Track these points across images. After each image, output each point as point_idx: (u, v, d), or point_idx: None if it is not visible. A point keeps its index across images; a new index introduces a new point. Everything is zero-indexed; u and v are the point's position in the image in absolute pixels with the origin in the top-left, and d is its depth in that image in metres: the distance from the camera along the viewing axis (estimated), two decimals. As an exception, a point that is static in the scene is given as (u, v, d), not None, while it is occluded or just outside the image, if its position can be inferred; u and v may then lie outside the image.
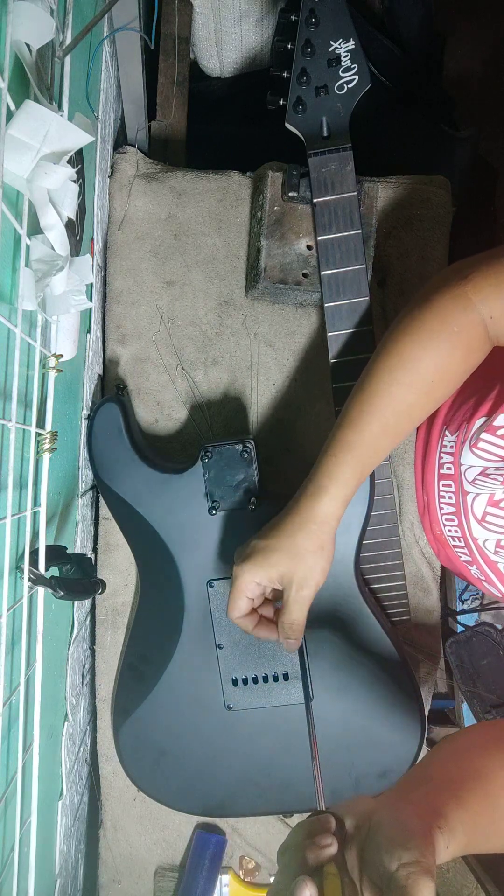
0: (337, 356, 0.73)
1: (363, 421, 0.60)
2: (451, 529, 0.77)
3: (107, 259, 0.83)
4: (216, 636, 0.75)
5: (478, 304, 0.58)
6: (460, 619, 0.94)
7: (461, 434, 0.72)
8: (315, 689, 0.75)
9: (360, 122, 0.72)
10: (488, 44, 1.29)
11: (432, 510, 0.79)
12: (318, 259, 0.73)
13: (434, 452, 0.77)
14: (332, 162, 0.71)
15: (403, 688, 0.75)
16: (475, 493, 0.70)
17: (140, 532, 0.75)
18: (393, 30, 0.92)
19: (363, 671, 0.74)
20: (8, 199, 0.45)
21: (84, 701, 0.85)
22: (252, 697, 0.75)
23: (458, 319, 0.58)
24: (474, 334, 0.59)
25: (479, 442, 0.67)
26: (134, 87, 0.83)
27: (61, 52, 0.52)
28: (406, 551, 0.83)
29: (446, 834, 0.42)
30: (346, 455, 0.60)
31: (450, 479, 0.74)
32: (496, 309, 0.58)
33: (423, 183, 0.81)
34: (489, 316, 0.58)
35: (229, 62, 0.99)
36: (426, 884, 0.37)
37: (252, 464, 0.73)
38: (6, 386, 0.47)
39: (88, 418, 0.75)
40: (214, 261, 0.82)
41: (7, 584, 0.49)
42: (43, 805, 0.62)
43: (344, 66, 0.70)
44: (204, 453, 0.72)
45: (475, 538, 0.73)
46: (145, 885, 0.87)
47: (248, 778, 0.77)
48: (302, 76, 0.70)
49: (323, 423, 0.82)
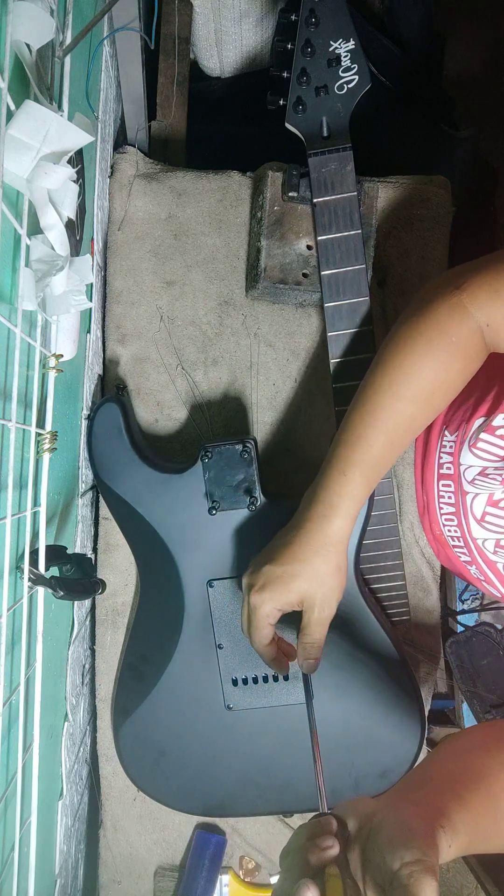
0: (337, 356, 0.73)
1: (369, 436, 0.60)
2: (450, 529, 0.77)
3: (107, 259, 0.83)
4: (216, 636, 0.74)
5: (474, 313, 0.57)
6: (460, 619, 0.94)
7: (460, 434, 0.72)
8: (315, 689, 0.75)
9: (360, 122, 0.72)
10: (488, 44, 1.29)
11: (432, 510, 0.79)
12: (318, 259, 0.73)
13: (434, 452, 0.77)
14: (332, 162, 0.71)
15: (403, 688, 0.75)
16: (475, 492, 0.70)
17: (140, 532, 0.75)
18: (393, 30, 0.92)
19: (363, 671, 0.74)
20: (8, 199, 0.45)
21: (84, 701, 0.85)
22: (252, 697, 0.75)
23: (456, 330, 0.58)
24: (472, 343, 0.59)
25: (479, 442, 0.67)
26: (134, 87, 0.83)
27: (61, 52, 0.52)
28: (406, 551, 0.83)
29: (449, 833, 0.42)
30: (354, 472, 0.60)
31: (449, 478, 0.75)
32: (493, 317, 0.57)
33: (423, 183, 0.81)
34: (486, 324, 0.58)
35: (229, 62, 0.99)
36: (429, 883, 0.37)
37: (252, 464, 0.73)
38: (6, 386, 0.47)
39: (88, 418, 0.75)
40: (214, 261, 0.82)
41: (7, 584, 0.49)
42: (43, 805, 0.62)
43: (344, 66, 0.70)
44: (204, 453, 0.72)
45: (474, 538, 0.73)
46: (145, 885, 0.87)
47: (249, 778, 0.77)
48: (302, 76, 0.70)
49: (323, 423, 0.82)
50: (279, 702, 0.75)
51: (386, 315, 0.82)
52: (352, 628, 0.74)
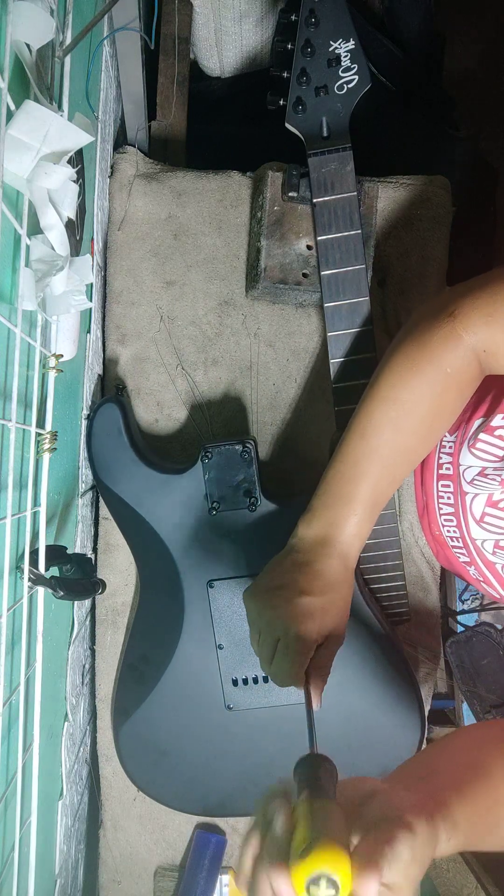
0: (337, 357, 0.73)
1: (373, 472, 0.60)
2: (449, 530, 0.77)
3: (107, 259, 0.83)
4: (216, 636, 0.75)
5: (468, 340, 0.57)
6: (460, 619, 0.94)
7: (460, 434, 0.72)
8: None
9: (360, 122, 0.72)
10: (488, 44, 1.29)
11: (431, 511, 0.79)
12: (317, 259, 0.73)
13: (433, 453, 0.77)
14: (332, 162, 0.71)
15: (403, 688, 0.75)
16: (474, 493, 0.70)
17: (140, 533, 0.75)
18: (393, 30, 0.92)
19: (363, 671, 0.74)
20: (8, 199, 0.45)
21: (84, 701, 0.85)
22: (252, 698, 0.75)
23: (450, 360, 0.58)
24: (467, 371, 0.59)
25: (478, 442, 0.67)
26: (134, 87, 0.83)
27: (61, 52, 0.52)
28: (406, 551, 0.83)
29: (449, 825, 0.41)
30: (364, 510, 0.60)
31: (449, 479, 0.75)
32: (488, 343, 0.57)
33: (423, 183, 0.81)
34: (482, 350, 0.57)
35: (229, 62, 0.99)
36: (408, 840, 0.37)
37: (252, 464, 0.73)
38: (6, 386, 0.47)
39: (88, 418, 0.75)
40: (214, 261, 0.82)
41: (7, 584, 0.49)
42: (43, 805, 0.62)
43: (344, 66, 0.70)
44: (204, 454, 0.72)
45: (473, 539, 0.73)
46: (145, 885, 0.87)
47: (249, 778, 0.77)
48: (302, 76, 0.70)
49: (323, 423, 0.82)
50: (279, 702, 0.75)
51: (386, 315, 0.82)
52: (352, 628, 0.74)
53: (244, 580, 0.74)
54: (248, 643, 0.75)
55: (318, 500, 0.61)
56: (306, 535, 0.61)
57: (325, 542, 0.60)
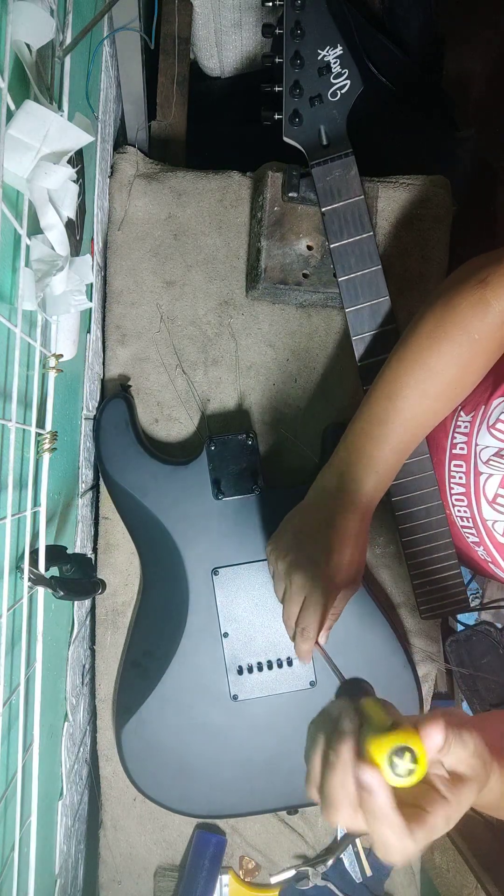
0: (363, 358, 0.74)
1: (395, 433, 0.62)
2: (459, 510, 0.77)
3: (107, 259, 0.83)
4: (221, 624, 0.75)
5: (498, 307, 0.58)
6: (460, 618, 0.94)
7: (477, 414, 0.72)
8: (318, 678, 0.76)
9: (361, 123, 0.72)
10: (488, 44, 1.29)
11: (441, 490, 0.79)
12: (333, 266, 0.73)
13: (446, 434, 0.77)
14: (335, 170, 0.71)
15: (403, 687, 0.75)
16: (488, 473, 0.71)
17: (145, 526, 0.76)
18: (393, 30, 0.92)
19: (364, 668, 0.74)
20: (8, 199, 0.45)
21: (84, 701, 0.85)
22: (258, 686, 0.76)
23: (479, 327, 0.59)
24: (494, 339, 0.60)
25: (498, 423, 0.67)
26: (134, 87, 0.83)
27: (61, 52, 0.52)
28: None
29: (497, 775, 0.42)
30: (385, 469, 0.64)
31: (462, 459, 0.75)
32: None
33: (423, 183, 0.81)
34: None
35: (229, 62, 0.99)
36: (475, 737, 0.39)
37: (255, 453, 0.75)
38: (6, 386, 0.47)
39: (95, 415, 0.77)
40: (214, 261, 0.82)
41: (7, 584, 0.49)
42: (43, 805, 0.62)
43: (335, 73, 0.70)
44: (209, 443, 0.75)
45: (484, 519, 0.73)
46: (145, 885, 0.87)
47: (255, 773, 0.77)
48: (295, 88, 0.70)
49: (323, 422, 0.82)
50: (285, 688, 0.76)
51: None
52: (357, 626, 0.75)
53: (249, 566, 0.76)
54: (254, 628, 0.76)
55: (340, 455, 0.64)
56: (328, 487, 0.64)
57: (345, 496, 0.63)
